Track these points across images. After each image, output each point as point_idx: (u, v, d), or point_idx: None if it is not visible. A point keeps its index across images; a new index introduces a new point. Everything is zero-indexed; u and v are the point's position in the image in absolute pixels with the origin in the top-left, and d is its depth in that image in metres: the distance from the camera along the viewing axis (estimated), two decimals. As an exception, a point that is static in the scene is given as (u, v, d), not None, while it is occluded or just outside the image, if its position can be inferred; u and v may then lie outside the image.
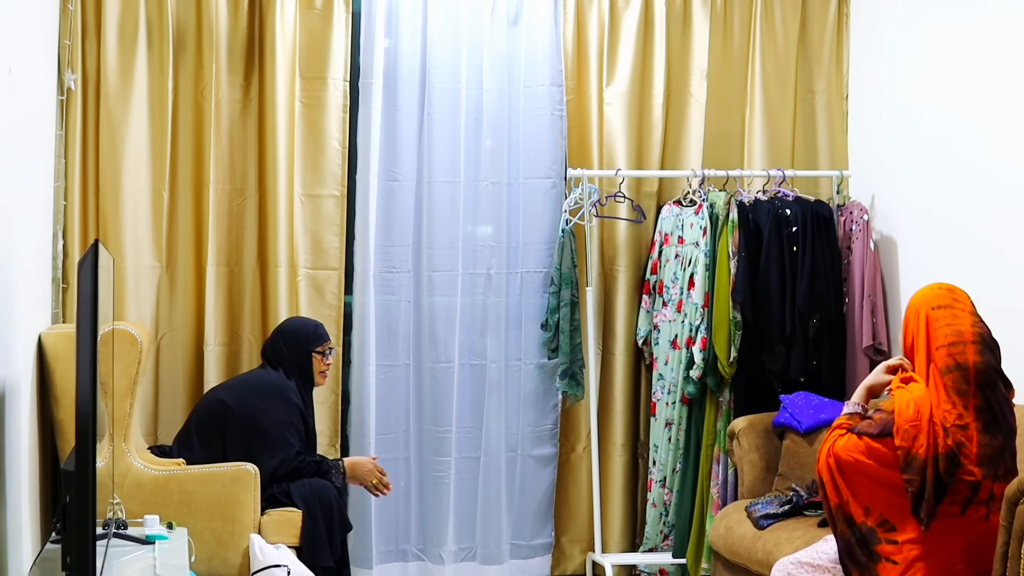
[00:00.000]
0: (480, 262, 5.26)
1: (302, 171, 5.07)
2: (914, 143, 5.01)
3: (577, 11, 5.30)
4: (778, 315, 4.97)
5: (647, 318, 5.30)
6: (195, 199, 5.01)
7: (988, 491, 3.40)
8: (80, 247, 4.79)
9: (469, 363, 5.28)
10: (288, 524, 4.34)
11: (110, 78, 4.87)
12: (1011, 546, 3.21)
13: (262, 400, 4.48)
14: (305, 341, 4.63)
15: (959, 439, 3.41)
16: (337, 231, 5.11)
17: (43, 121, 4.35)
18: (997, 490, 3.37)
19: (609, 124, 5.34)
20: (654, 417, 5.23)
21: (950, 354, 3.47)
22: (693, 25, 5.39)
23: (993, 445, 3.43)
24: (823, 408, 4.71)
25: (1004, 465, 3.44)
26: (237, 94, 5.03)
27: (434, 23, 5.19)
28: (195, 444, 4.46)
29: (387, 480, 4.67)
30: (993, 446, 3.43)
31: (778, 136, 5.44)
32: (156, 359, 4.97)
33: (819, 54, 5.50)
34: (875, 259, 5.06)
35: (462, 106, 5.21)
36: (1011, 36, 4.47)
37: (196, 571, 4.01)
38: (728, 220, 5.02)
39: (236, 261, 5.05)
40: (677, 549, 5.14)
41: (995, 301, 4.37)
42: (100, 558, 3.15)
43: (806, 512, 4.33)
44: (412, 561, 5.27)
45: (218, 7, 4.96)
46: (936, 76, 4.88)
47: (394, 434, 5.21)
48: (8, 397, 3.43)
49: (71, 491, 3.01)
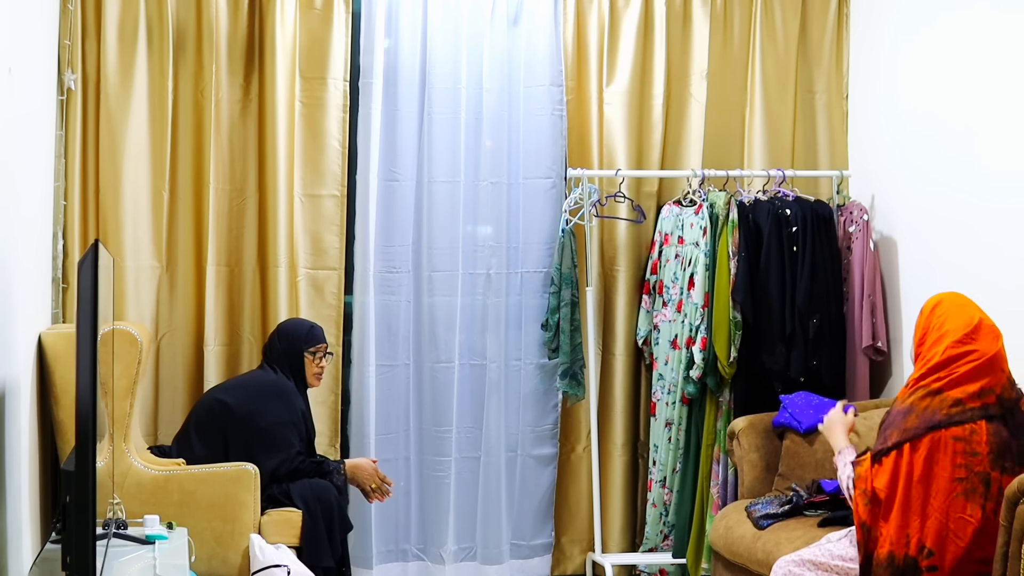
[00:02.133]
0: (480, 262, 5.26)
1: (302, 171, 5.07)
2: (914, 143, 5.01)
3: (577, 11, 5.30)
4: (778, 315, 4.97)
5: (647, 318, 5.30)
6: (195, 199, 5.01)
7: (998, 485, 3.39)
8: (80, 247, 4.79)
9: (469, 363, 5.27)
10: (288, 524, 4.34)
11: (110, 78, 4.87)
12: (1011, 546, 3.21)
13: (263, 401, 4.48)
14: (298, 341, 4.63)
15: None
16: (337, 231, 5.11)
17: (43, 121, 4.35)
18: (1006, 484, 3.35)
19: (609, 124, 5.34)
20: (654, 417, 5.23)
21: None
22: (693, 25, 5.39)
23: (999, 436, 3.44)
24: (823, 408, 4.70)
25: (1011, 458, 3.43)
26: (237, 94, 5.03)
27: (434, 23, 5.19)
28: (195, 444, 4.46)
29: (389, 482, 4.67)
30: (999, 437, 3.43)
31: (778, 136, 5.44)
32: (156, 359, 4.96)
33: (819, 54, 5.49)
34: (875, 259, 5.06)
35: (462, 106, 5.21)
36: (1011, 36, 4.47)
37: (196, 571, 4.01)
38: (728, 220, 5.02)
39: (236, 261, 5.05)
40: (677, 549, 5.14)
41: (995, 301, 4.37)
42: (100, 558, 3.15)
43: (806, 512, 4.33)
44: (412, 561, 5.27)
45: (218, 7, 4.96)
46: (936, 76, 4.88)
47: (394, 434, 5.21)
48: (8, 397, 3.43)
49: (71, 491, 3.01)
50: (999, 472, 3.41)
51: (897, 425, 3.54)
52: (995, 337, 3.55)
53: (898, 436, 3.51)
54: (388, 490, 4.67)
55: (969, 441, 3.44)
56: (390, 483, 4.69)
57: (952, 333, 3.55)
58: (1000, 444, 3.44)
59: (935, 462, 3.45)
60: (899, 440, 3.50)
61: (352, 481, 4.61)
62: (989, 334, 3.55)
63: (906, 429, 3.51)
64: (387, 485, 4.67)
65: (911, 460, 3.47)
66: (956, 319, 3.58)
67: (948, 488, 3.43)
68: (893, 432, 3.54)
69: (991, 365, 3.51)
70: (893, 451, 3.50)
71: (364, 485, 4.62)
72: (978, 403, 3.47)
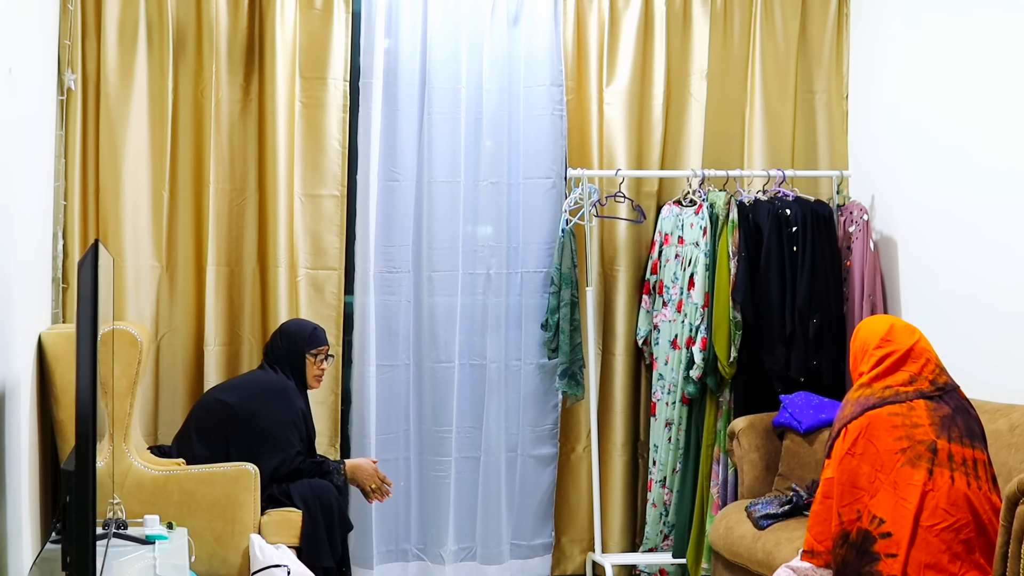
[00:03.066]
0: (480, 262, 5.26)
1: (302, 171, 5.07)
2: (914, 143, 5.01)
3: (577, 11, 5.30)
4: (778, 315, 4.97)
5: (647, 318, 5.30)
6: (195, 199, 5.01)
7: (947, 452, 3.46)
8: (80, 247, 4.79)
9: (469, 363, 5.28)
10: (288, 524, 4.34)
11: (110, 78, 4.87)
12: (1011, 546, 3.21)
13: (264, 401, 4.48)
14: (300, 342, 4.63)
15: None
16: (337, 231, 5.11)
17: (43, 121, 4.35)
18: (955, 452, 3.45)
19: (609, 124, 5.34)
20: (654, 417, 5.23)
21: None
22: (693, 25, 5.39)
23: (941, 411, 3.50)
24: (823, 408, 4.72)
25: (957, 430, 3.51)
26: (237, 94, 5.03)
27: (434, 23, 5.19)
28: (195, 444, 4.46)
29: (389, 483, 4.67)
30: (941, 412, 3.49)
31: (778, 136, 5.44)
32: (156, 359, 4.97)
33: (819, 54, 5.49)
34: (875, 259, 5.06)
35: (462, 106, 5.21)
36: (1011, 36, 4.47)
37: (196, 571, 4.01)
38: (728, 220, 5.02)
39: (236, 261, 5.05)
40: (677, 549, 5.14)
41: (995, 301, 4.38)
42: (100, 558, 3.15)
43: (806, 512, 4.33)
44: (412, 561, 5.27)
45: (218, 7, 4.96)
46: (936, 76, 4.88)
47: (394, 434, 5.21)
48: (8, 397, 3.43)
49: (71, 491, 3.01)
50: (946, 440, 3.50)
51: (838, 420, 3.67)
52: (910, 332, 3.70)
53: (838, 425, 3.63)
54: (388, 490, 4.67)
55: (908, 416, 3.55)
56: (390, 483, 4.69)
57: (870, 344, 3.70)
58: (943, 418, 3.55)
59: (875, 438, 3.55)
60: (839, 428, 3.61)
61: (352, 481, 4.61)
62: (903, 332, 3.70)
63: (842, 417, 3.63)
64: (387, 486, 4.67)
65: (853, 440, 3.56)
66: (870, 333, 3.74)
67: (891, 460, 3.51)
68: (835, 425, 3.66)
69: (911, 355, 3.64)
70: (835, 440, 3.60)
71: (364, 485, 4.62)
72: (911, 388, 3.60)
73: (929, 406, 3.55)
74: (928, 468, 3.46)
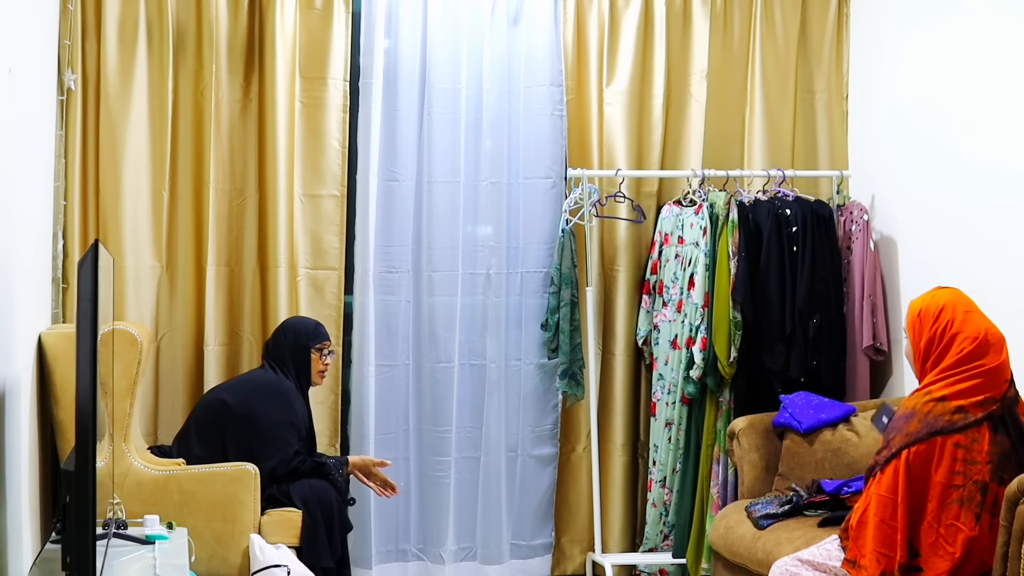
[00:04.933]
0: (480, 262, 5.26)
1: (302, 171, 5.07)
2: (914, 143, 5.01)
3: (577, 11, 5.30)
4: (778, 315, 4.97)
5: (647, 318, 5.30)
6: (195, 199, 5.01)
7: (994, 495, 3.40)
8: (80, 247, 4.79)
9: (469, 363, 5.27)
10: (288, 524, 4.34)
11: (110, 78, 4.87)
12: (1011, 546, 3.21)
13: (262, 401, 4.48)
14: (305, 337, 4.64)
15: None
16: (337, 231, 5.11)
17: (43, 121, 4.35)
18: (1001, 496, 3.37)
19: (609, 124, 5.34)
20: (654, 417, 5.23)
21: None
22: (693, 25, 5.39)
23: (1002, 446, 3.44)
24: (823, 408, 4.71)
25: (1011, 469, 3.44)
26: (237, 94, 5.03)
27: (434, 23, 5.19)
28: (195, 444, 4.46)
29: (391, 483, 4.68)
30: (1002, 447, 3.44)
31: (778, 136, 5.44)
32: (156, 359, 4.97)
33: (819, 54, 5.49)
34: (875, 259, 5.06)
35: (462, 106, 5.21)
36: (1010, 36, 4.47)
37: (196, 571, 4.01)
38: (728, 220, 5.02)
39: (236, 261, 5.05)
40: (677, 549, 5.14)
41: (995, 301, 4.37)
42: (100, 558, 3.15)
43: (806, 512, 4.33)
44: (412, 561, 5.27)
45: (218, 7, 4.96)
46: (936, 76, 4.88)
47: (394, 434, 5.21)
48: (8, 397, 3.43)
49: (71, 491, 3.01)
50: (997, 484, 3.42)
51: (900, 430, 3.56)
52: (1000, 347, 3.58)
53: (901, 441, 3.53)
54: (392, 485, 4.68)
55: (969, 449, 3.45)
56: (392, 484, 4.69)
57: (959, 342, 3.57)
58: (1001, 455, 3.45)
59: (934, 465, 3.46)
60: (902, 445, 3.52)
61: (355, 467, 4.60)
62: (995, 344, 3.58)
63: (908, 434, 3.53)
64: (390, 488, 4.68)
65: (911, 463, 3.48)
66: (965, 328, 3.59)
67: (943, 494, 3.44)
68: (897, 437, 3.56)
69: (996, 376, 3.54)
70: (894, 459, 3.52)
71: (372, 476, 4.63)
72: (981, 412, 3.49)
73: (993, 440, 3.46)
74: (976, 513, 3.41)
